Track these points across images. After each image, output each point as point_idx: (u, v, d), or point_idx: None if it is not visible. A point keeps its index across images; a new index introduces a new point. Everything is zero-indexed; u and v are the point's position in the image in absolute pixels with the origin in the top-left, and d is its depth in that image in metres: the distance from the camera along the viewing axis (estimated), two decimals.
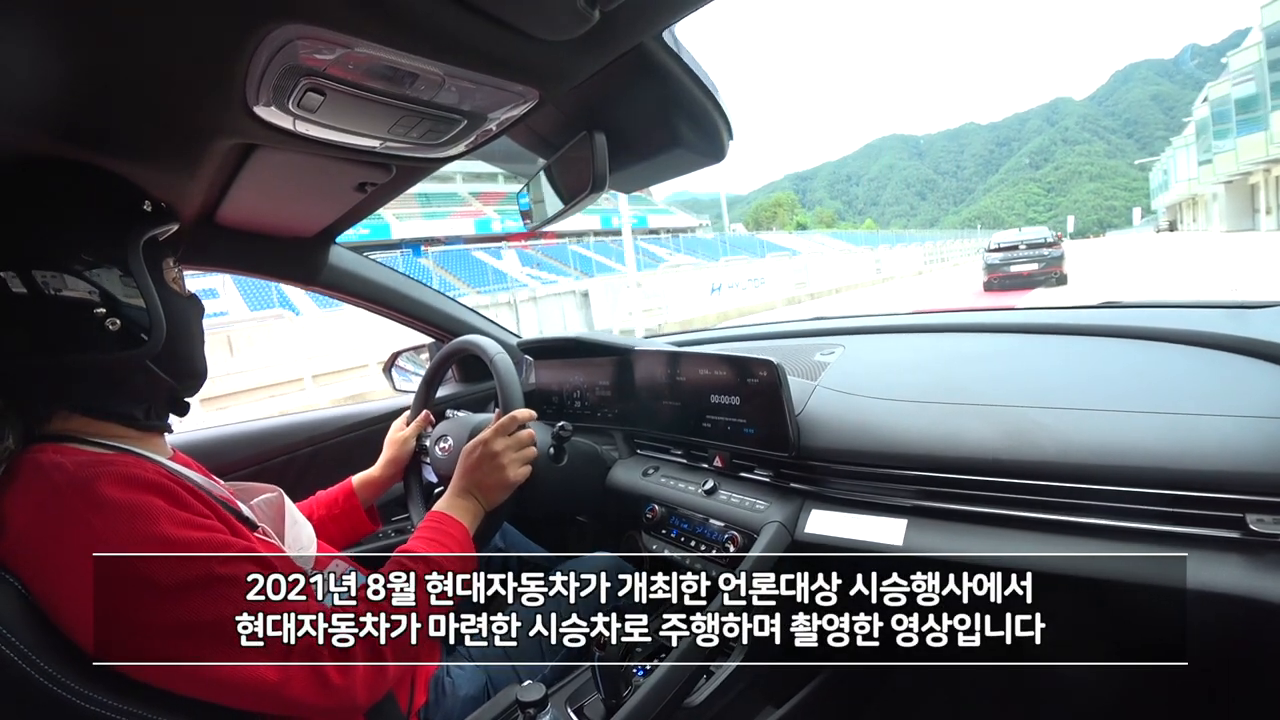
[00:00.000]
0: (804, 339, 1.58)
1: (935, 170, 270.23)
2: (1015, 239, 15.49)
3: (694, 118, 0.90)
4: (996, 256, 15.21)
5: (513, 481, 1.05)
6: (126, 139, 0.80)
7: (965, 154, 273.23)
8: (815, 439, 1.14)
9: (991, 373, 1.18)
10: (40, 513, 0.67)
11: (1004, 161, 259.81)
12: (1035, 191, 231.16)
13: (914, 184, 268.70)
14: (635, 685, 0.95)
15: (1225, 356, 1.01)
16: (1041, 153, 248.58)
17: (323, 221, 1.31)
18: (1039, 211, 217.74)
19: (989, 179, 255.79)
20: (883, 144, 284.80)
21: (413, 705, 0.97)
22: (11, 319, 0.70)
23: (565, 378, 1.73)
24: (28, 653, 0.62)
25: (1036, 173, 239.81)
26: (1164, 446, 0.85)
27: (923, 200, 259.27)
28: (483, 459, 1.04)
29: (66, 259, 0.72)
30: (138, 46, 0.61)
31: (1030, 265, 14.58)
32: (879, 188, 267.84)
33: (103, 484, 0.68)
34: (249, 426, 1.62)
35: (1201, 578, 0.78)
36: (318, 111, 0.75)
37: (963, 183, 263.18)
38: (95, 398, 0.78)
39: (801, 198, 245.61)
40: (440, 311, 1.75)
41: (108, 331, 0.74)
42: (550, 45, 0.66)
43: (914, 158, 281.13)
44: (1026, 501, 0.92)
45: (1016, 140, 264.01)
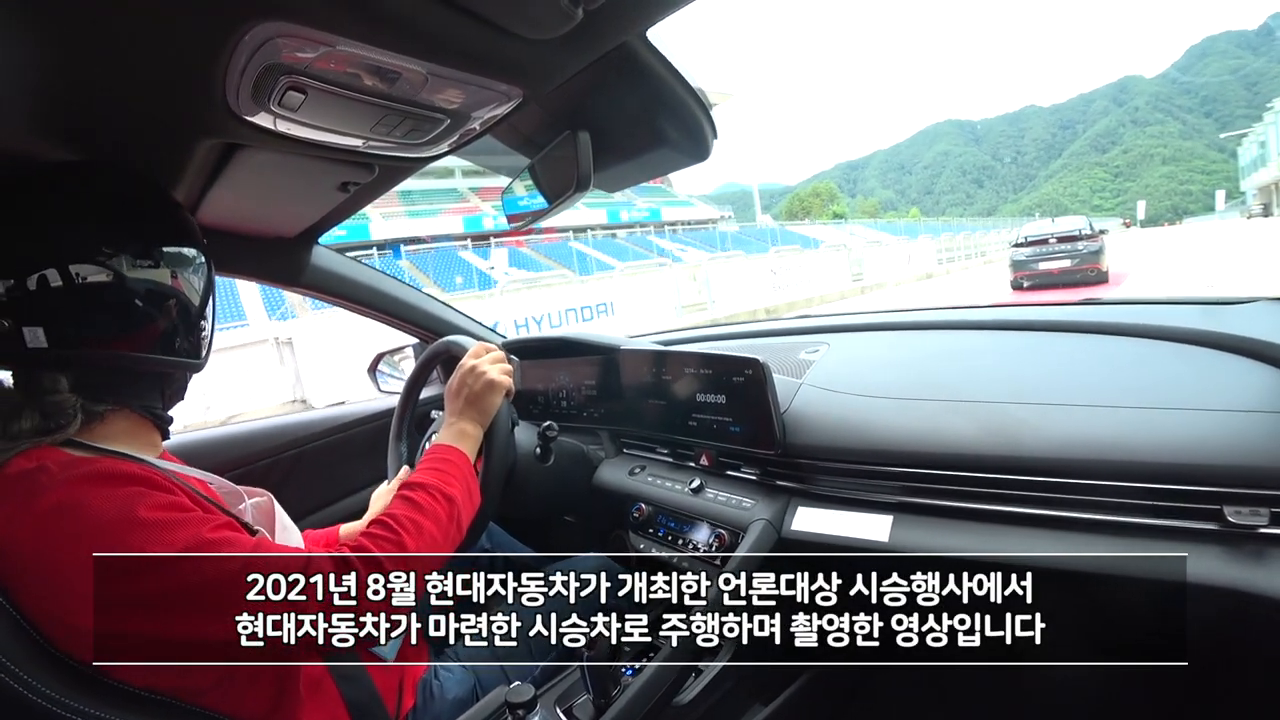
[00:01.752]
0: (789, 337, 1.58)
1: (993, 156, 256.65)
2: (1045, 231, 12.97)
3: (678, 117, 0.90)
4: (1024, 252, 12.80)
5: (498, 384, 1.09)
6: (108, 139, 0.79)
7: (1025, 138, 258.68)
8: (801, 436, 1.15)
9: (972, 369, 1.19)
10: (23, 516, 0.66)
11: (1067, 145, 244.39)
12: (1101, 177, 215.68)
13: (970, 171, 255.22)
14: (624, 685, 0.95)
15: (1201, 352, 1.03)
16: (1108, 135, 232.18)
17: (305, 222, 1.29)
18: (1105, 198, 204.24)
19: (1051, 164, 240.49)
20: (937, 130, 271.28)
21: (401, 709, 0.96)
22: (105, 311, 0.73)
23: (551, 377, 1.72)
24: (14, 668, 0.61)
25: (1103, 156, 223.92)
26: (1141, 441, 0.86)
27: (979, 188, 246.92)
28: (465, 376, 1.08)
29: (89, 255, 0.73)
30: (116, 46, 0.61)
31: (1062, 262, 12.23)
32: (933, 176, 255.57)
33: (87, 480, 0.68)
34: (232, 430, 1.60)
35: (1177, 569, 0.79)
36: (299, 110, 0.74)
37: (1023, 169, 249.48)
38: (149, 396, 0.82)
39: (852, 187, 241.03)
40: (424, 311, 1.74)
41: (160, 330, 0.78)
42: (534, 44, 0.66)
43: (970, 143, 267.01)
44: (1008, 496, 0.94)
45: (1081, 123, 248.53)
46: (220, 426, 1.63)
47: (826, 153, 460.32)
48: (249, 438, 1.58)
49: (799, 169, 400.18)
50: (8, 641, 0.62)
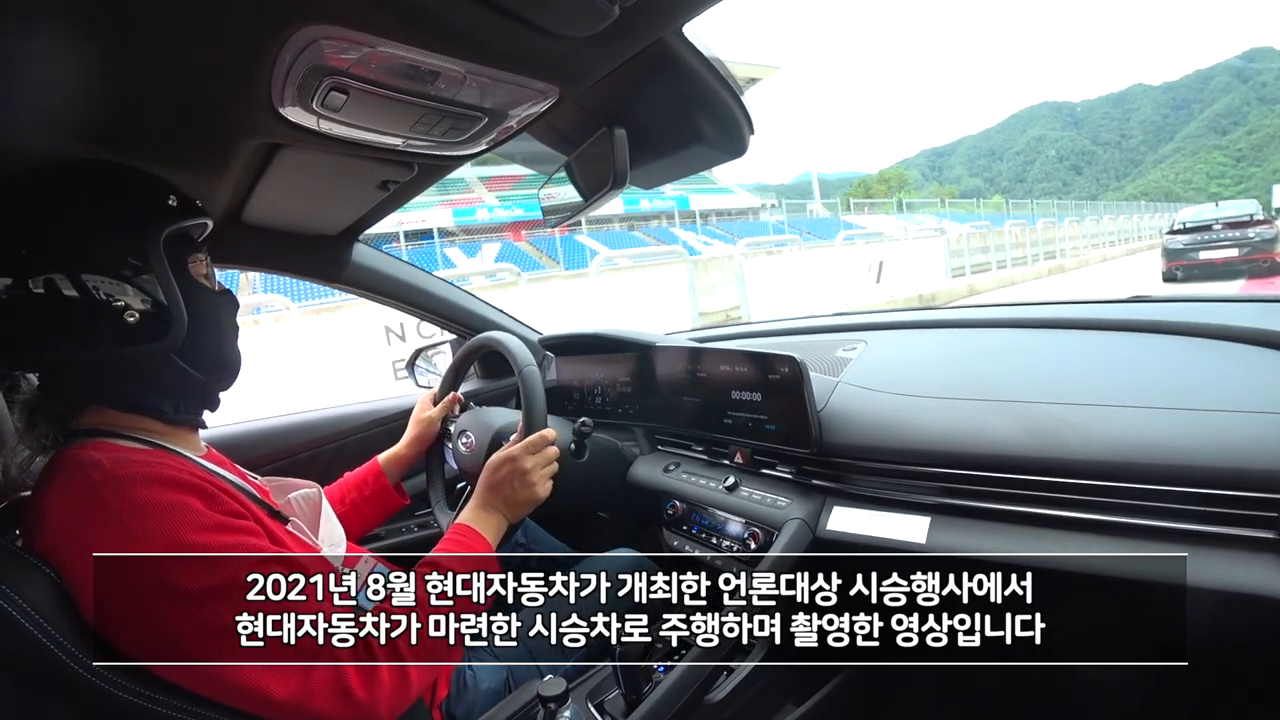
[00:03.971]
0: (826, 334, 1.56)
1: (1094, 141, 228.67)
2: (1209, 216, 11.62)
3: (714, 113, 0.89)
4: (1181, 240, 11.53)
5: (540, 497, 1.05)
6: (156, 142, 0.82)
7: (1131, 121, 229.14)
8: (837, 435, 1.13)
9: (1015, 368, 1.16)
10: (77, 511, 0.68)
11: (1181, 127, 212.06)
12: (1221, 162, 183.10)
13: (1068, 157, 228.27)
14: (656, 682, 0.95)
15: (1258, 352, 0.99)
16: (1230, 115, 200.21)
17: (346, 219, 1.32)
18: (1224, 185, 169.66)
19: (1161, 148, 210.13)
20: (1031, 114, 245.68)
21: (435, 698, 0.98)
22: (34, 315, 0.72)
23: (586, 374, 1.73)
24: (65, 643, 0.63)
25: (1223, 139, 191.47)
26: (1194, 444, 0.83)
27: (1078, 175, 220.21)
28: (511, 475, 1.03)
29: (86, 255, 0.73)
30: (166, 51, 0.63)
31: (1228, 250, 10.94)
32: (1026, 162, 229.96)
33: (139, 484, 0.69)
34: (274, 422, 1.64)
35: (1235, 579, 0.76)
36: (341, 111, 0.75)
37: (1127, 154, 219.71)
38: (122, 392, 0.79)
39: (937, 174, 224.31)
40: (462, 308, 1.76)
41: (127, 325, 0.74)
42: (570, 41, 0.66)
43: (1068, 127, 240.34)
44: (1052, 499, 0.91)
45: (1198, 102, 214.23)
46: (262, 419, 1.68)
47: (911, 139, 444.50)
48: (291, 430, 1.62)
49: (881, 157, 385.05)
50: (62, 622, 0.65)
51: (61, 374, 0.79)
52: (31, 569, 0.66)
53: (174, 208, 0.80)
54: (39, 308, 0.71)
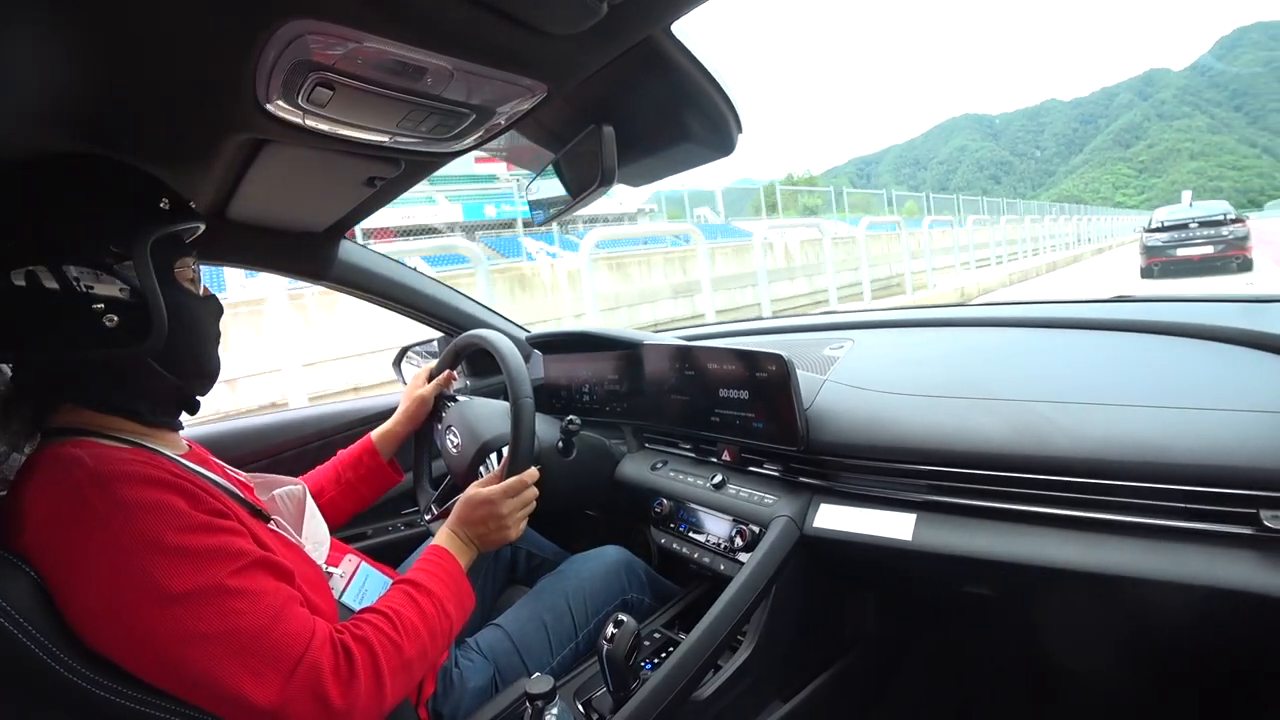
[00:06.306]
0: (813, 333, 1.57)
1: (1012, 152, 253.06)
2: (1185, 215, 12.30)
3: (702, 111, 0.90)
4: (1160, 237, 12.20)
5: (511, 540, 1.04)
6: (140, 136, 0.81)
7: (1045, 133, 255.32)
8: (824, 433, 1.14)
9: (1001, 367, 1.17)
10: (58, 509, 0.67)
11: (1089, 140, 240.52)
12: (1125, 173, 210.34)
13: (987, 167, 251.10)
14: (643, 679, 0.95)
15: (1239, 351, 1.00)
16: (1132, 130, 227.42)
17: (332, 216, 1.31)
18: (1129, 194, 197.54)
19: (1071, 160, 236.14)
20: (954, 124, 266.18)
21: (421, 695, 0.98)
22: (12, 312, 0.71)
23: (574, 372, 1.73)
24: (46, 643, 0.62)
25: (1126, 151, 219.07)
26: (1176, 442, 0.84)
27: (996, 184, 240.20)
28: (487, 518, 1.02)
29: (69, 254, 0.72)
30: (150, 44, 0.62)
31: (1204, 248, 11.53)
32: (949, 171, 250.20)
33: (122, 483, 0.69)
34: (259, 420, 1.63)
35: (1214, 575, 0.77)
36: (327, 106, 0.75)
37: (1042, 164, 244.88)
38: (98, 392, 0.78)
39: (866, 182, 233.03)
40: (449, 306, 1.76)
41: (105, 327, 0.73)
42: (558, 39, 0.66)
43: (988, 139, 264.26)
44: (1037, 497, 0.92)
45: (1104, 117, 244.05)
46: (246, 417, 1.66)
47: (841, 147, 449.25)
48: (275, 428, 1.61)
49: (813, 164, 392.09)
50: (42, 621, 0.64)
51: (37, 371, 0.78)
52: (10, 567, 0.65)
53: (165, 210, 0.79)
54: (19, 300, 0.70)
